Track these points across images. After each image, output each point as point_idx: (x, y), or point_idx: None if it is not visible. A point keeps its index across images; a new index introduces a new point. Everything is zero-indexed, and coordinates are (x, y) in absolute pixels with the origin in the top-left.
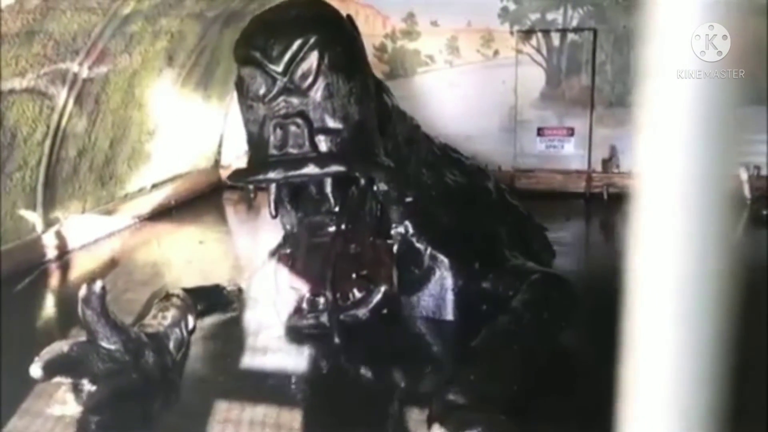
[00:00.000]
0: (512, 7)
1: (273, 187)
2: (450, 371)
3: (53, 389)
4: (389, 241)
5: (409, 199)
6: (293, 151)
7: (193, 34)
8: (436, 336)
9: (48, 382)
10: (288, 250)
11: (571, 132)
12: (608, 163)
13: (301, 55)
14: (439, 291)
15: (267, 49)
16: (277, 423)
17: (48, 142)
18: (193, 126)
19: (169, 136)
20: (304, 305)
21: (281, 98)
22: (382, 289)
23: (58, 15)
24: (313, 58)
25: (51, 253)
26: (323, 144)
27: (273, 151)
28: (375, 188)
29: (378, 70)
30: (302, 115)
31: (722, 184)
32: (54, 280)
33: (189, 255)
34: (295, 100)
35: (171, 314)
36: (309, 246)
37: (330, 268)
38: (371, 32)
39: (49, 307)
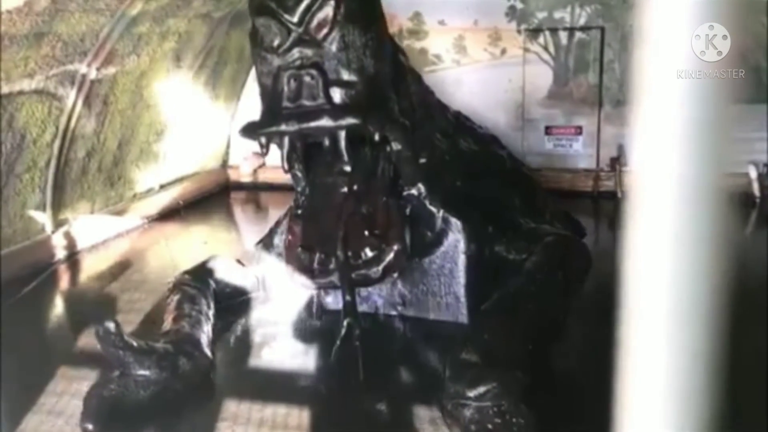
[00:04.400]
0: (519, 5)
1: (286, 140)
2: (463, 332)
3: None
4: (402, 202)
5: (422, 161)
6: (307, 103)
7: (200, 35)
8: (449, 298)
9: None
10: (299, 211)
11: (579, 131)
12: (616, 161)
13: (317, 5)
14: (452, 254)
15: None
16: (285, 422)
17: (57, 143)
18: (200, 126)
19: (177, 137)
20: (316, 265)
21: (296, 49)
22: (395, 248)
23: (67, 17)
24: (328, 9)
25: (60, 253)
26: (338, 96)
27: (287, 103)
28: (388, 148)
29: None
30: (317, 66)
31: (718, 184)
32: (64, 280)
33: (197, 255)
34: (309, 51)
35: (188, 309)
36: (321, 206)
37: (341, 227)
38: None
39: (59, 306)
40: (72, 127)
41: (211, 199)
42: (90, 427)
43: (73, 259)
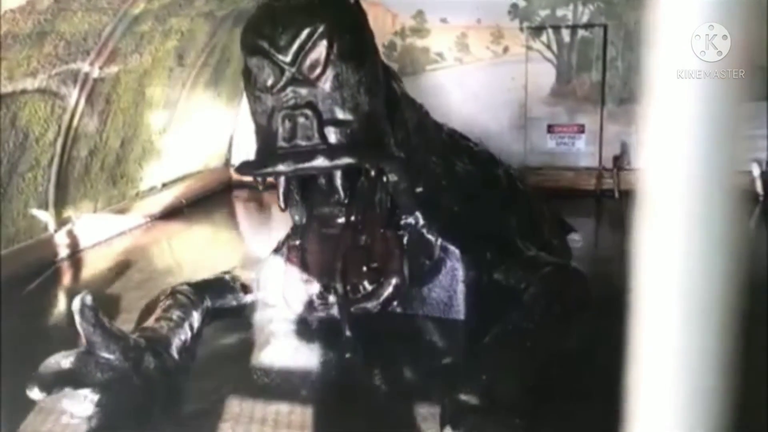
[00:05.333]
0: (522, 3)
1: (282, 179)
2: (462, 368)
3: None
4: (399, 232)
5: (419, 190)
6: (302, 143)
7: (203, 34)
8: (447, 330)
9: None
10: (297, 242)
11: (581, 129)
12: (619, 160)
13: (310, 44)
14: (450, 282)
15: (275, 39)
16: (288, 421)
17: (60, 142)
18: (203, 125)
19: (179, 136)
20: (315, 298)
21: (289, 89)
22: (393, 281)
23: (69, 15)
24: (321, 48)
25: (63, 252)
26: (333, 136)
27: (282, 143)
28: (385, 179)
29: None
30: (311, 106)
31: (729, 183)
32: (66, 278)
33: (200, 253)
34: (303, 91)
35: (175, 314)
36: (319, 238)
37: (340, 260)
38: (380, 30)
39: (62, 305)
40: (75, 125)
41: (213, 197)
42: (35, 388)
43: (75, 257)
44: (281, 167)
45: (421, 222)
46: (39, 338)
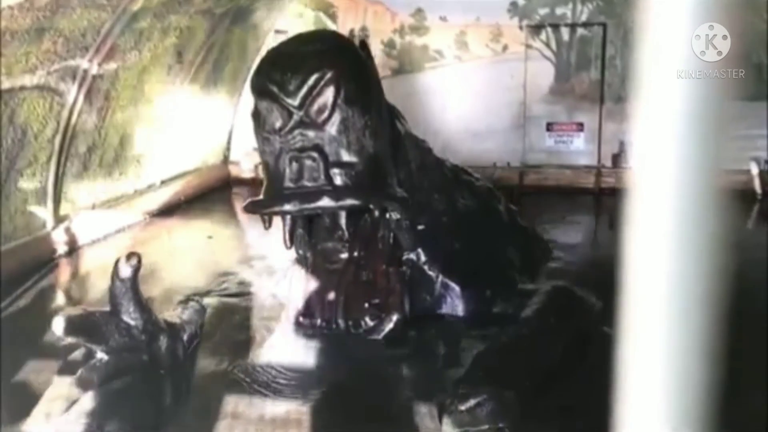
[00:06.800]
0: (521, 2)
1: (288, 218)
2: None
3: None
4: (401, 268)
5: (421, 227)
6: (308, 184)
7: (201, 31)
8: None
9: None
10: (302, 272)
11: (580, 127)
12: (618, 158)
13: (317, 89)
14: (451, 318)
15: (283, 83)
16: (285, 419)
17: (58, 139)
18: (202, 122)
19: (178, 133)
20: (318, 325)
21: (297, 131)
22: (394, 318)
23: (68, 12)
24: (329, 93)
25: (61, 248)
26: (338, 178)
27: (288, 184)
28: (387, 216)
29: (386, 66)
30: (317, 148)
31: (716, 181)
32: (65, 275)
33: (199, 250)
34: (310, 134)
35: (189, 313)
36: (321, 272)
37: (342, 295)
38: (380, 28)
39: (60, 301)
40: (73, 122)
41: (212, 194)
42: (61, 325)
43: (74, 254)
44: (288, 207)
45: (423, 258)
46: (36, 336)
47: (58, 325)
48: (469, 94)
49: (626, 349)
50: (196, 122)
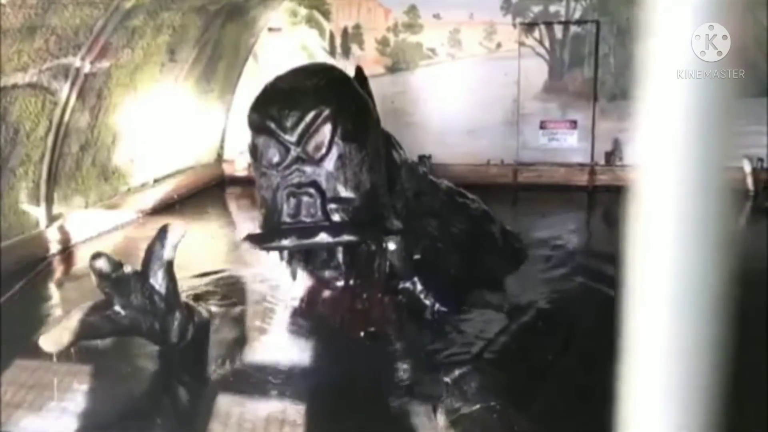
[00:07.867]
0: None
1: (286, 252)
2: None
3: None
4: (397, 297)
5: (417, 256)
6: (306, 219)
7: (195, 29)
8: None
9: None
10: (299, 299)
11: (573, 125)
12: (611, 156)
13: (315, 126)
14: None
15: (281, 119)
16: (282, 419)
17: (51, 137)
18: (195, 121)
19: (171, 131)
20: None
21: (294, 167)
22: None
23: (60, 9)
24: (326, 130)
25: (55, 247)
26: (336, 214)
27: (286, 219)
28: (384, 246)
29: (380, 63)
30: (315, 185)
31: (720, 179)
32: (58, 273)
33: (192, 248)
34: (308, 169)
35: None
36: (318, 300)
37: (338, 323)
38: (373, 25)
39: (54, 300)
40: (66, 120)
41: (206, 193)
42: (106, 261)
43: (67, 252)
44: (285, 242)
45: (419, 288)
46: (31, 334)
47: (101, 263)
48: (462, 92)
49: (630, 347)
50: (189, 120)
